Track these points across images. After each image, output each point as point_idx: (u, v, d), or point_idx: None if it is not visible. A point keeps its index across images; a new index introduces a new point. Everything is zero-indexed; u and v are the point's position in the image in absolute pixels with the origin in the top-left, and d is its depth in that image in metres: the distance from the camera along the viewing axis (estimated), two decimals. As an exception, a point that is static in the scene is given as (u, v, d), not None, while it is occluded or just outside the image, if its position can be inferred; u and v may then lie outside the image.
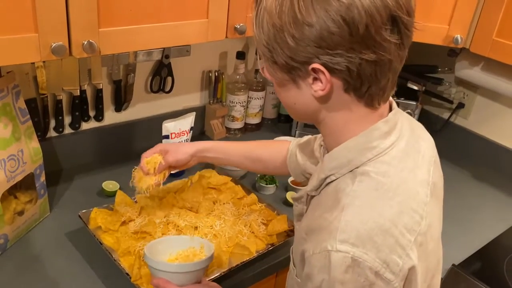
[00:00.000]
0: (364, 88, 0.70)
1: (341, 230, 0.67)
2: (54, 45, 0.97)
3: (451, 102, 1.96)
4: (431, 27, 1.49)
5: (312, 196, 0.82)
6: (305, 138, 1.11)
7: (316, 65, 0.68)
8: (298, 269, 0.78)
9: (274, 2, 0.69)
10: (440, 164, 0.87)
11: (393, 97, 0.80)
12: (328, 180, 0.77)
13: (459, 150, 1.91)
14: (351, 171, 0.74)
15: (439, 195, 0.83)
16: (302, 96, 0.74)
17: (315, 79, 0.70)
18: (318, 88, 0.71)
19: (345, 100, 0.72)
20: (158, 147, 1.18)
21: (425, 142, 0.83)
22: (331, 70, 0.68)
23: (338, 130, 0.76)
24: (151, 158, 1.15)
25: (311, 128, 1.86)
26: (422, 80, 1.87)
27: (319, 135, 1.03)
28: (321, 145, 0.88)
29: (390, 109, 0.79)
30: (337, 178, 0.75)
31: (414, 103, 1.82)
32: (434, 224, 0.77)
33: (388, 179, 0.72)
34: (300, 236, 0.78)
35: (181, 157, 1.16)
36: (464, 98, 1.94)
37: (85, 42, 1.00)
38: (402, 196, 0.71)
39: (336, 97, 0.72)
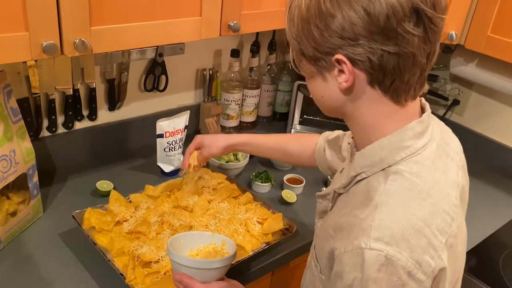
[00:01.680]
0: (388, 81, 0.70)
1: (375, 228, 0.67)
2: (45, 43, 0.95)
3: (446, 99, 1.96)
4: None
5: (339, 194, 0.82)
6: (335, 133, 1.12)
7: (339, 56, 0.69)
8: (324, 267, 0.77)
9: None
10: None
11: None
12: (358, 178, 0.77)
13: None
14: (383, 169, 0.74)
15: (465, 199, 0.84)
16: (329, 88, 0.75)
17: (340, 71, 0.71)
18: (343, 80, 0.71)
19: (370, 94, 0.72)
20: (196, 139, 1.27)
21: (454, 147, 0.84)
22: (354, 61, 0.69)
23: (368, 126, 0.76)
24: (191, 157, 1.27)
25: (307, 126, 1.86)
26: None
27: (348, 132, 1.03)
28: (349, 143, 0.88)
29: (423, 111, 0.79)
30: (368, 176, 0.75)
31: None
32: (462, 227, 0.78)
33: (422, 180, 0.72)
34: (326, 233, 0.77)
35: (215, 151, 1.25)
36: (459, 94, 1.94)
37: (77, 41, 0.99)
38: (434, 198, 0.71)
39: (360, 89, 0.72)
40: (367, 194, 0.73)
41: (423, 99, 0.82)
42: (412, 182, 0.71)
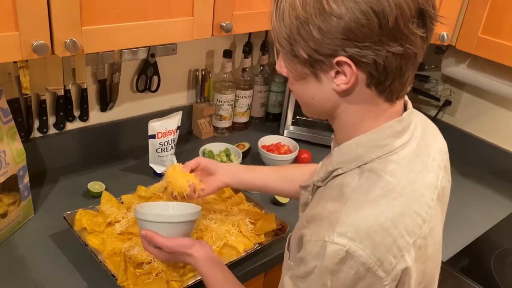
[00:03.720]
0: (388, 82, 0.69)
1: (341, 223, 0.67)
2: (35, 43, 0.95)
3: (438, 99, 1.97)
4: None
5: (318, 187, 0.82)
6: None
7: (342, 58, 0.67)
8: (293, 252, 0.78)
9: None
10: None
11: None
12: (335, 173, 0.77)
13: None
14: (359, 166, 0.74)
15: (445, 200, 0.84)
16: (322, 90, 0.73)
17: (337, 72, 0.69)
18: (341, 81, 0.69)
19: (366, 95, 0.71)
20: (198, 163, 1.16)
21: (437, 146, 0.83)
22: (357, 63, 0.67)
23: (353, 125, 0.75)
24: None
25: (299, 126, 1.86)
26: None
27: None
28: (332, 138, 0.88)
29: (405, 108, 0.79)
30: (344, 172, 0.75)
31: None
32: (437, 229, 0.78)
33: (395, 179, 0.71)
34: (301, 223, 0.78)
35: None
36: (450, 95, 1.95)
37: (68, 41, 0.98)
38: (406, 197, 0.71)
39: (358, 91, 0.71)
40: (340, 189, 0.73)
41: (405, 96, 0.81)
42: (385, 180, 0.71)
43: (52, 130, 1.49)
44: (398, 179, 0.72)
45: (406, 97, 0.81)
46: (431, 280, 0.79)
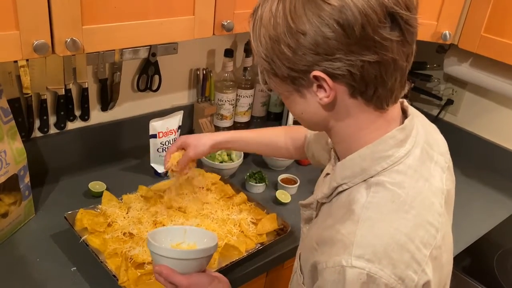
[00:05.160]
0: (371, 91, 0.68)
1: (357, 245, 0.65)
2: (36, 42, 0.94)
3: (440, 98, 1.96)
4: (419, 23, 1.49)
5: (323, 203, 0.81)
6: None
7: (317, 73, 0.67)
8: (306, 278, 0.76)
9: (268, 14, 0.68)
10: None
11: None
12: (340, 189, 0.75)
13: (448, 146, 1.91)
14: (364, 180, 0.72)
15: (451, 202, 0.82)
16: (309, 105, 0.73)
17: (319, 86, 0.69)
18: (323, 95, 0.69)
19: (353, 105, 0.70)
20: (179, 141, 1.22)
21: (439, 148, 0.82)
22: (333, 76, 0.67)
23: (350, 136, 0.74)
24: (171, 158, 1.21)
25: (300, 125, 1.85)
26: (411, 77, 1.87)
27: None
28: (331, 148, 0.87)
29: (403, 113, 0.77)
30: (350, 187, 0.74)
31: (403, 100, 1.82)
32: (448, 234, 0.77)
33: (404, 191, 0.70)
34: (310, 244, 0.76)
35: (200, 150, 1.19)
36: (453, 94, 1.94)
37: (68, 40, 0.98)
38: (417, 209, 0.70)
39: (342, 102, 0.70)
40: (348, 206, 0.71)
41: (405, 101, 0.80)
42: (395, 193, 0.69)
43: (52, 130, 1.49)
44: (407, 190, 0.70)
45: (406, 102, 0.79)
46: (444, 285, 0.78)
